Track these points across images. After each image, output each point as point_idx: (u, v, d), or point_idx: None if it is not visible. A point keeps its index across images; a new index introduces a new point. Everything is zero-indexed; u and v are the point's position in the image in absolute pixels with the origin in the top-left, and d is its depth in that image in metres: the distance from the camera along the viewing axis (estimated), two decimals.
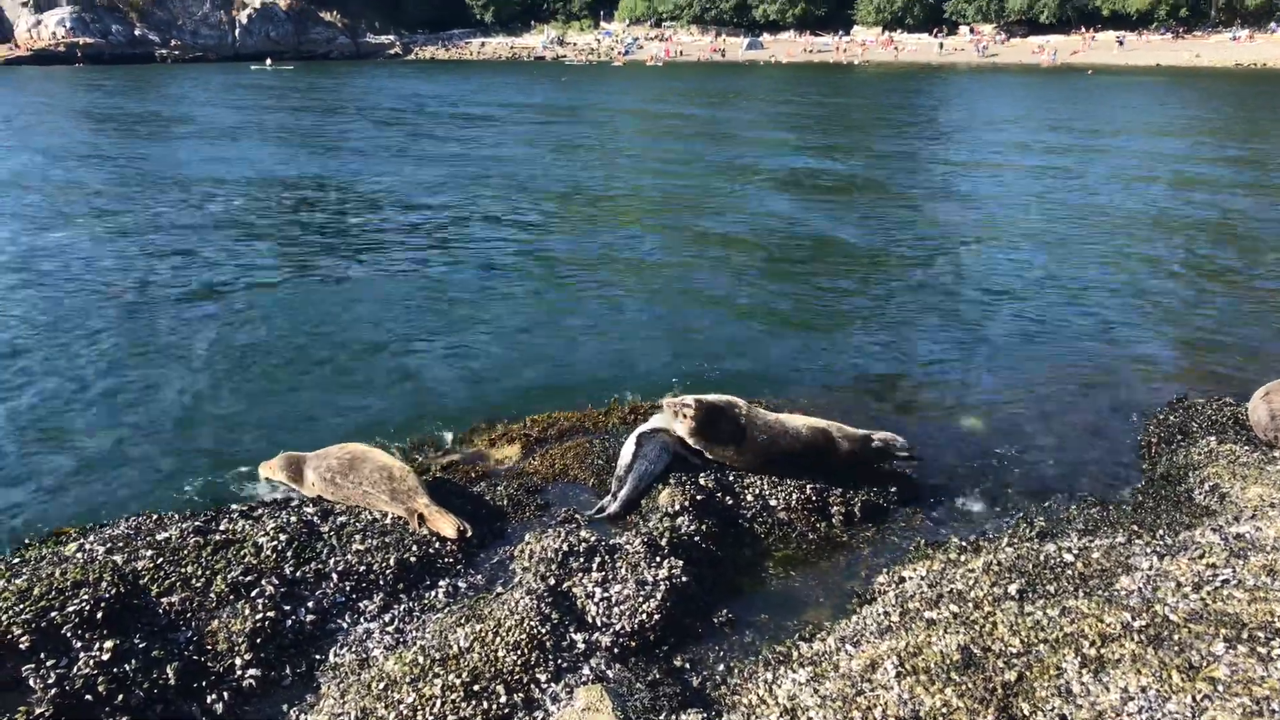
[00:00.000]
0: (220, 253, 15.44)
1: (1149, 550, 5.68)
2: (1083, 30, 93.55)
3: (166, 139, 32.78)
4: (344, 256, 15.33)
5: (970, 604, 5.21)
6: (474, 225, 17.93)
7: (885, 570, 6.20)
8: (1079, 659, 4.45)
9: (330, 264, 14.82)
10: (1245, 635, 4.43)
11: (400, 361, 10.48)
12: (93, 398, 9.40)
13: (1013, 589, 5.30)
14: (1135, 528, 6.38)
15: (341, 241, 16.44)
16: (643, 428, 7.28)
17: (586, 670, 5.11)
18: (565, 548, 6.02)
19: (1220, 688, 4.09)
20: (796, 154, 28.90)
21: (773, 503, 6.99)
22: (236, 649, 5.29)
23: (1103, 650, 4.49)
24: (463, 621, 5.41)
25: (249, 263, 14.81)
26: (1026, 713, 4.22)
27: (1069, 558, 5.68)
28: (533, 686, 4.95)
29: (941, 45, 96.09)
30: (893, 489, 7.27)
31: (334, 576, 5.92)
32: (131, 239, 16.45)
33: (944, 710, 4.29)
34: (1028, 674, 4.43)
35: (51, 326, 11.54)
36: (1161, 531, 6.17)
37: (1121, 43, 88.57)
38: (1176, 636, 4.51)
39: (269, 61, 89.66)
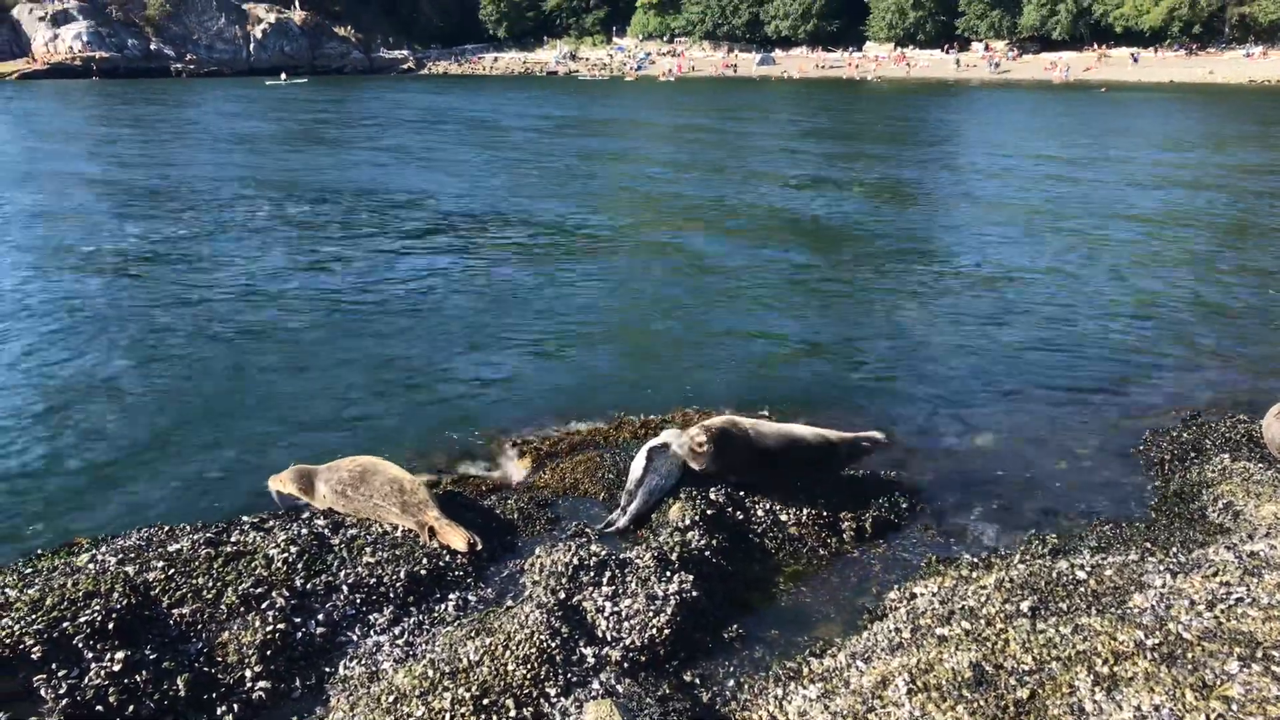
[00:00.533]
0: (240, 263, 15.53)
1: (1162, 568, 5.65)
2: (1095, 46, 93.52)
3: (196, 148, 33.06)
4: (356, 268, 15.39)
5: (982, 621, 5.18)
6: (488, 237, 17.99)
7: (896, 586, 6.17)
8: (1092, 677, 4.42)
9: (343, 276, 14.88)
10: (1260, 654, 4.39)
11: (412, 374, 10.50)
12: (106, 407, 9.44)
13: (1025, 606, 5.27)
14: (1148, 545, 6.34)
15: (354, 253, 16.50)
16: (654, 442, 7.25)
17: (596, 685, 5.09)
18: (575, 562, 6.01)
19: (1234, 707, 4.06)
20: (813, 167, 28.91)
21: (783, 518, 6.97)
22: (246, 661, 5.30)
23: (1116, 668, 4.46)
24: (472, 635, 5.41)
25: (265, 274, 14.88)
26: None
27: (1081, 575, 5.64)
28: (542, 701, 4.94)
29: (959, 62, 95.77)
30: (904, 505, 7.26)
31: (344, 589, 5.93)
32: (156, 247, 16.57)
33: None
34: (1040, 692, 4.40)
35: (67, 332, 11.61)
36: (1175, 549, 6.13)
37: (1136, 59, 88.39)
38: (1190, 655, 4.48)
39: (283, 76, 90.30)
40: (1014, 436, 8.83)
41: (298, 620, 5.63)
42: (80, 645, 5.16)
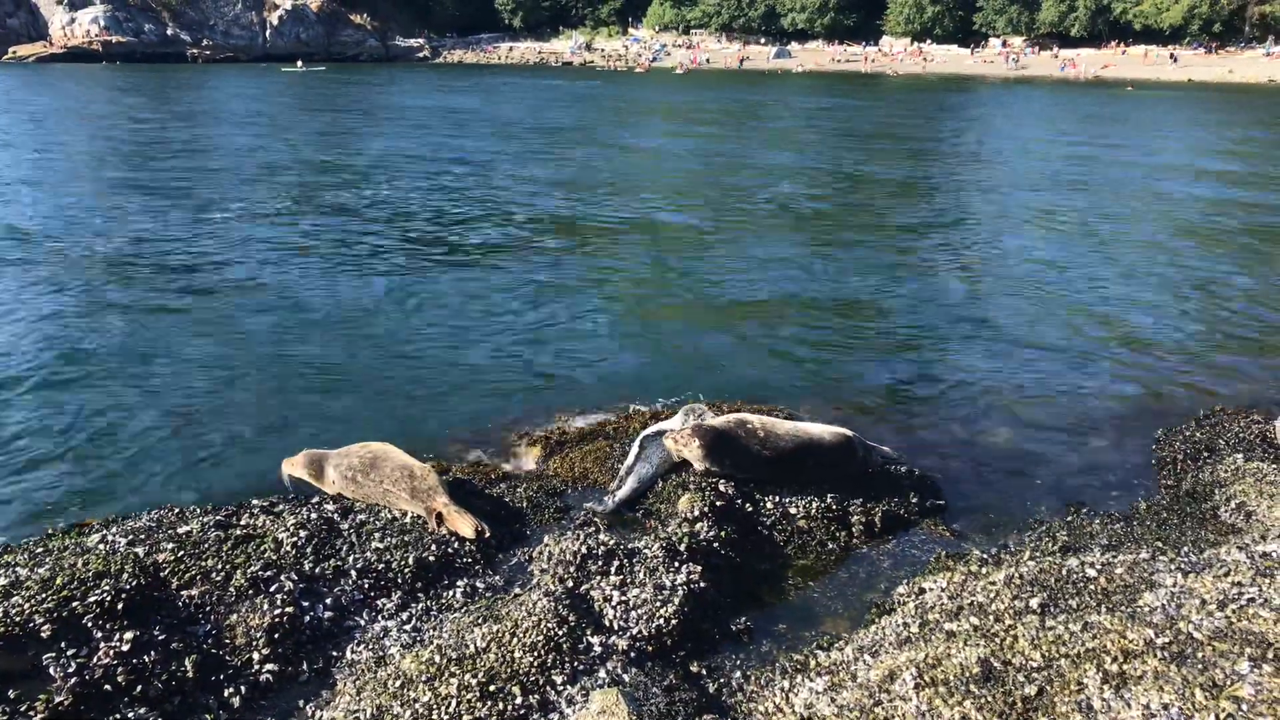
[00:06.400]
0: (262, 250, 15.55)
1: (1173, 567, 5.61)
2: (1114, 44, 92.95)
3: (226, 134, 33.15)
4: (372, 256, 15.40)
5: (991, 617, 5.16)
6: (503, 230, 17.98)
7: (905, 581, 6.15)
8: (1101, 675, 4.40)
9: (360, 264, 14.89)
10: (1270, 655, 4.36)
11: (424, 362, 10.51)
12: (118, 390, 9.47)
13: (1034, 603, 5.25)
14: (1159, 544, 6.30)
15: (371, 241, 16.52)
16: (649, 430, 7.35)
17: (603, 673, 5.09)
18: (584, 550, 6.01)
19: (1244, 707, 4.03)
20: (830, 162, 28.82)
21: (792, 511, 6.94)
22: (255, 644, 5.31)
23: (1125, 666, 4.44)
24: (480, 622, 5.41)
25: (286, 260, 14.90)
26: None
27: (1092, 573, 5.61)
28: (548, 688, 4.94)
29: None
30: (914, 500, 7.23)
31: (352, 574, 5.93)
32: (174, 232, 16.61)
33: None
34: (1049, 688, 4.38)
35: (77, 316, 11.65)
36: (1186, 548, 6.09)
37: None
38: (1200, 654, 4.45)
39: (300, 63, 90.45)
40: (1025, 433, 8.80)
41: (306, 604, 5.63)
42: (89, 624, 5.18)
